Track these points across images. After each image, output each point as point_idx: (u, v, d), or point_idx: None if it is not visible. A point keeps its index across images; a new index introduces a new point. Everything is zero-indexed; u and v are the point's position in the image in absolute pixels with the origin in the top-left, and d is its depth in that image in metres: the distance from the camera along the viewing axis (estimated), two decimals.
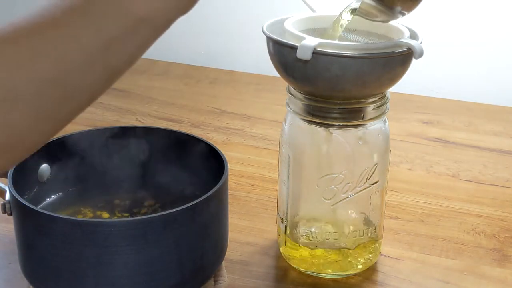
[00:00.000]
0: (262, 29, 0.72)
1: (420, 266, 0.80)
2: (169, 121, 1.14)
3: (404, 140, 1.08)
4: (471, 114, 1.17)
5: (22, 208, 0.66)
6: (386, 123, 0.75)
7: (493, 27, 1.25)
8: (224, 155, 0.75)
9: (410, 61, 0.70)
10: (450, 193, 0.95)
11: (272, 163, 0.98)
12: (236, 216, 0.88)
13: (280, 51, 0.70)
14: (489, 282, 0.78)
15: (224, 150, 0.76)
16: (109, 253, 0.65)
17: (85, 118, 0.75)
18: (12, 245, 0.74)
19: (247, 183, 0.96)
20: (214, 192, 0.69)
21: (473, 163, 1.02)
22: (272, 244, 0.83)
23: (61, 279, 0.66)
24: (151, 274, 0.66)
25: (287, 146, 0.76)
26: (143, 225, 0.65)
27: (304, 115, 0.73)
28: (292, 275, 0.78)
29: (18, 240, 0.70)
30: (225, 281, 0.76)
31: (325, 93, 0.71)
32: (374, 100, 0.72)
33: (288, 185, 0.76)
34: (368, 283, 0.77)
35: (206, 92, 1.26)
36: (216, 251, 0.73)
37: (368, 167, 0.74)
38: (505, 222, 0.88)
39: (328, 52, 0.67)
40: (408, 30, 0.72)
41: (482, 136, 1.10)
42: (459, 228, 0.87)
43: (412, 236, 0.85)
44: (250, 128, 1.12)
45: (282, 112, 0.79)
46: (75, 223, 0.65)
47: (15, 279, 0.75)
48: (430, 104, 1.21)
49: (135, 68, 1.47)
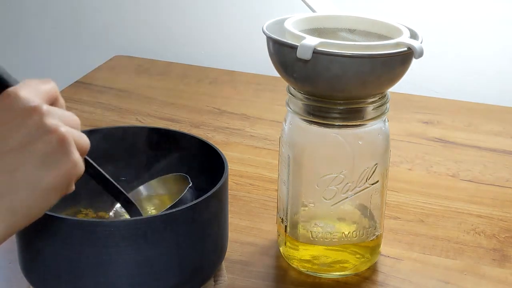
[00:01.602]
0: (262, 29, 0.72)
1: (420, 266, 0.80)
2: (169, 121, 1.14)
3: (404, 140, 1.08)
4: (471, 114, 1.17)
5: None
6: (386, 123, 0.75)
7: (493, 27, 1.25)
8: (224, 155, 0.74)
9: (410, 61, 0.70)
10: (450, 193, 0.95)
11: (272, 163, 0.98)
12: (236, 216, 0.88)
13: (280, 51, 0.70)
14: (489, 282, 0.78)
15: (224, 150, 0.76)
16: (109, 253, 0.65)
17: (85, 118, 0.75)
18: (12, 245, 0.74)
19: (247, 183, 0.96)
20: (214, 192, 0.69)
21: (473, 163, 1.02)
22: (272, 244, 0.83)
23: (61, 279, 0.66)
24: (151, 274, 0.66)
25: (287, 146, 0.76)
26: (143, 225, 0.65)
27: (304, 115, 0.73)
28: (292, 275, 0.78)
29: (18, 240, 0.70)
30: (225, 281, 0.76)
31: (325, 93, 0.71)
32: (374, 100, 0.72)
33: (288, 185, 0.76)
34: (368, 283, 0.77)
35: (206, 92, 1.25)
36: (216, 251, 0.73)
37: (368, 167, 0.74)
38: (505, 222, 0.88)
39: (328, 51, 0.67)
40: (408, 30, 0.72)
41: (482, 136, 1.10)
42: (459, 228, 0.87)
43: (412, 236, 0.85)
44: (250, 128, 1.12)
45: (282, 112, 0.79)
46: (75, 223, 0.65)
47: (15, 279, 0.75)
48: (430, 104, 1.21)
49: (135, 68, 1.48)
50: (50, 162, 0.52)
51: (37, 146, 0.52)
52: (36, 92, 0.53)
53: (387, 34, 0.74)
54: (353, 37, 0.76)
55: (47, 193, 0.53)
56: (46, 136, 0.52)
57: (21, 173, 0.51)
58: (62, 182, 0.53)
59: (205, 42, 1.42)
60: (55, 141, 0.52)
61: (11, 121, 0.52)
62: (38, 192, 0.52)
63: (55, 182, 0.53)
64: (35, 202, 0.52)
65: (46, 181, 0.52)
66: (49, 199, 0.53)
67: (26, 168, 0.51)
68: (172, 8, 1.42)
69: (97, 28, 1.48)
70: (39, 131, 0.52)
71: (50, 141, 0.52)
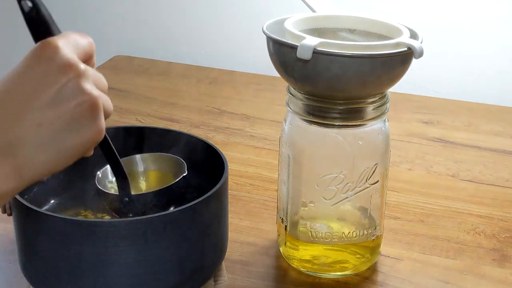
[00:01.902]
0: (262, 29, 0.72)
1: (420, 266, 0.80)
2: (169, 121, 1.14)
3: (404, 140, 1.08)
4: (471, 114, 1.17)
5: (22, 208, 0.66)
6: (386, 123, 0.75)
7: (493, 27, 1.25)
8: (224, 155, 0.75)
9: (410, 61, 0.70)
10: (450, 193, 0.95)
11: (272, 163, 0.98)
12: (236, 216, 0.88)
13: (280, 51, 0.70)
14: (489, 282, 0.78)
15: (224, 150, 0.76)
16: (109, 253, 0.65)
17: None
18: (12, 245, 0.74)
19: (247, 183, 0.96)
20: (214, 192, 0.69)
21: (473, 163, 1.02)
22: (272, 244, 0.83)
23: (61, 279, 0.66)
24: (151, 274, 0.66)
25: (287, 146, 0.76)
26: (143, 225, 0.65)
27: (304, 115, 0.73)
28: (292, 275, 0.78)
29: (18, 240, 0.70)
30: (225, 281, 0.76)
31: (325, 93, 0.71)
32: (374, 100, 0.72)
33: (288, 185, 0.76)
34: (368, 283, 0.77)
35: (206, 92, 1.26)
36: (216, 251, 0.73)
37: (368, 167, 0.74)
38: (505, 222, 0.88)
39: (328, 51, 0.67)
40: (408, 30, 0.72)
41: (482, 136, 1.10)
42: (459, 228, 0.87)
43: (412, 236, 0.85)
44: (250, 128, 1.12)
45: (282, 112, 0.79)
46: (75, 223, 0.65)
47: (15, 279, 0.75)
48: (430, 104, 1.21)
49: (135, 68, 1.48)
50: (77, 125, 0.51)
51: (68, 107, 0.51)
52: (75, 47, 0.52)
53: (387, 34, 0.74)
54: (353, 37, 0.76)
55: (67, 155, 0.52)
56: (79, 98, 0.51)
57: (46, 130, 0.51)
58: (84, 147, 0.52)
59: (205, 42, 1.42)
60: (87, 105, 0.51)
61: (47, 76, 0.51)
62: (59, 152, 0.51)
63: (77, 145, 0.52)
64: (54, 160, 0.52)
65: (69, 143, 0.51)
66: (67, 160, 0.53)
67: (53, 126, 0.51)
68: (172, 8, 1.42)
69: (97, 28, 1.48)
70: (73, 92, 0.51)
71: (81, 104, 0.51)
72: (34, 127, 0.50)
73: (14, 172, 0.51)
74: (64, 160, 0.53)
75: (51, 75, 0.51)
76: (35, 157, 0.51)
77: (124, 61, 1.38)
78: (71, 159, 0.53)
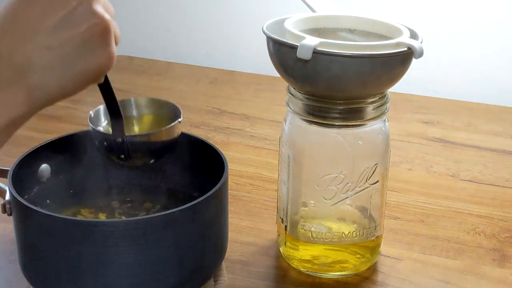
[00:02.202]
0: (262, 29, 0.72)
1: (420, 266, 0.80)
2: None
3: (404, 140, 1.08)
4: (471, 114, 1.17)
5: (22, 208, 0.66)
6: (386, 123, 0.75)
7: (493, 27, 1.25)
8: (224, 155, 0.74)
9: (410, 61, 0.70)
10: (450, 193, 0.95)
11: (272, 163, 0.98)
12: (236, 216, 0.88)
13: (280, 51, 0.70)
14: (489, 282, 0.78)
15: (224, 150, 0.76)
16: (109, 253, 0.65)
17: (85, 118, 0.75)
18: (12, 245, 0.74)
19: (247, 183, 0.96)
20: (214, 192, 0.69)
21: (473, 163, 1.02)
22: (272, 244, 0.83)
23: (61, 279, 0.66)
24: (151, 274, 0.66)
25: (287, 146, 0.76)
26: (143, 225, 0.65)
27: (304, 115, 0.73)
28: (292, 275, 0.78)
29: (18, 240, 0.70)
30: (225, 281, 0.76)
31: (325, 93, 0.71)
32: (374, 100, 0.72)
33: (288, 185, 0.76)
34: (368, 283, 0.77)
35: (206, 92, 1.26)
36: (216, 251, 0.73)
37: (368, 167, 0.74)
38: (505, 222, 0.88)
39: (328, 51, 0.67)
40: (408, 30, 0.72)
41: (482, 136, 1.10)
42: (459, 228, 0.87)
43: (412, 236, 0.85)
44: (250, 128, 1.12)
45: (282, 112, 0.79)
46: (75, 223, 0.65)
47: (15, 279, 0.75)
48: (430, 104, 1.21)
49: (135, 68, 1.47)
50: (88, 49, 0.50)
51: (79, 30, 0.50)
52: None
53: (387, 34, 0.74)
54: (353, 37, 0.76)
55: (78, 80, 0.51)
56: (90, 21, 0.50)
57: (56, 54, 0.50)
58: (95, 72, 0.51)
59: (205, 42, 1.42)
60: (99, 29, 0.50)
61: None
62: (70, 76, 0.50)
63: (88, 70, 0.51)
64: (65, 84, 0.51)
65: (80, 68, 0.50)
66: (78, 85, 0.52)
67: (64, 49, 0.50)
68: (172, 8, 1.42)
69: None
70: (84, 14, 0.50)
71: (93, 28, 0.50)
72: (43, 50, 0.49)
73: (25, 96, 0.50)
74: (75, 85, 0.51)
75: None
76: (45, 80, 0.50)
77: (124, 61, 1.38)
78: (82, 84, 0.52)
